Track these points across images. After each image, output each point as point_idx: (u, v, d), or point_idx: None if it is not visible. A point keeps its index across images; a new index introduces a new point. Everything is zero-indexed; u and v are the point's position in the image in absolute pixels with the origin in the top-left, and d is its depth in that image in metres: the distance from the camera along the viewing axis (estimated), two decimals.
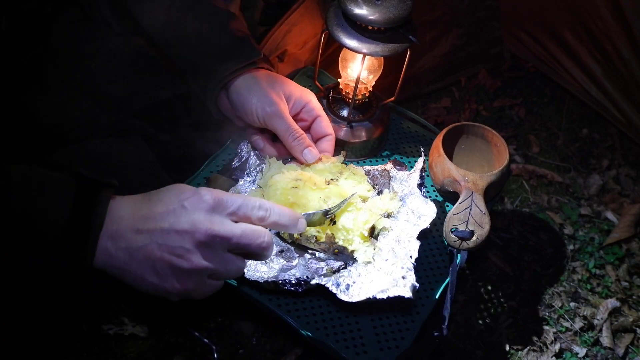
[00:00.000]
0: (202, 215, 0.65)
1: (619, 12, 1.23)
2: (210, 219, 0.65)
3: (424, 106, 1.45)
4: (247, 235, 0.67)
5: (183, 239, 0.64)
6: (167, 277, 0.65)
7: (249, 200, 0.69)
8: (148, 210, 0.65)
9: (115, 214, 0.64)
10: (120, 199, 0.66)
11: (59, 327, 0.95)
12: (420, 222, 0.89)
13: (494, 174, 0.94)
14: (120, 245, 0.64)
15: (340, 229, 0.85)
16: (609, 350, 1.06)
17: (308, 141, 0.92)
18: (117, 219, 0.64)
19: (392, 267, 0.83)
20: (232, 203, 0.67)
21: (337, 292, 0.80)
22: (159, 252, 0.64)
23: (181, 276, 0.65)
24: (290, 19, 1.18)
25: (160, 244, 0.64)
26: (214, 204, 0.66)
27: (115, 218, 0.64)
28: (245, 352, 0.96)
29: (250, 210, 0.68)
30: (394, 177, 0.95)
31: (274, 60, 1.19)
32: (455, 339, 1.03)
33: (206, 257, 0.65)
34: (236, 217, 0.68)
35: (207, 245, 0.65)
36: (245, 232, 0.67)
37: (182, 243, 0.64)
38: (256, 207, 0.69)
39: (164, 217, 0.64)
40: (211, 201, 0.66)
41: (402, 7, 0.87)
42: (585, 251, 1.20)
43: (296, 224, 0.74)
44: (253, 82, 0.90)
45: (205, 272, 0.66)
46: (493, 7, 1.46)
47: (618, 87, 1.35)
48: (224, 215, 0.67)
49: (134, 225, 0.64)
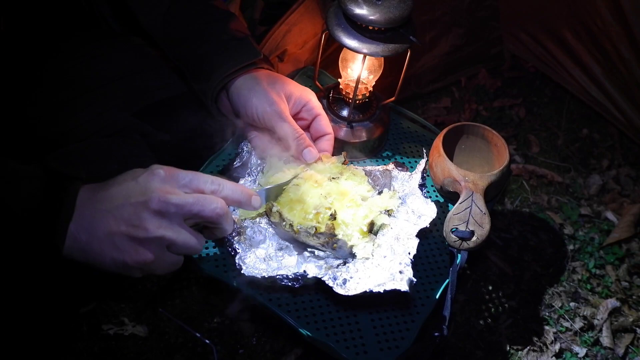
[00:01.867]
0: (155, 185, 0.67)
1: (619, 12, 1.23)
2: (162, 188, 0.67)
3: (424, 106, 1.45)
4: (200, 202, 0.69)
5: (137, 209, 0.66)
6: (126, 250, 0.66)
7: (201, 175, 0.72)
8: (105, 192, 0.68)
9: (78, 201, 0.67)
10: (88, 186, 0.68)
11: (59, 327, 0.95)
12: (420, 221, 0.89)
13: (494, 174, 0.94)
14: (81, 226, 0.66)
15: (339, 224, 0.85)
16: (609, 350, 1.06)
17: (308, 141, 0.92)
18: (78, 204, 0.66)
19: (390, 263, 0.83)
20: (184, 176, 0.70)
21: (333, 286, 0.80)
22: (116, 226, 0.66)
23: (139, 247, 0.66)
24: (290, 19, 1.18)
25: (116, 217, 0.66)
26: (165, 177, 0.69)
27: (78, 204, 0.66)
28: (245, 352, 0.96)
29: (202, 183, 0.71)
30: (395, 178, 0.95)
31: (274, 60, 1.19)
32: (455, 339, 1.03)
33: (162, 226, 0.67)
34: (189, 189, 0.70)
35: (161, 214, 0.67)
36: (198, 200, 0.69)
37: (137, 213, 0.66)
38: (208, 181, 0.72)
39: (119, 194, 0.67)
40: (163, 174, 0.68)
41: (402, 7, 0.87)
42: (585, 251, 1.20)
43: (249, 201, 0.77)
44: (253, 82, 0.90)
45: (163, 241, 0.67)
46: (493, 7, 1.46)
47: (618, 87, 1.35)
48: (177, 186, 0.69)
49: (93, 207, 0.67)
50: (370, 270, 0.82)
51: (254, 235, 0.86)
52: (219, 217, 0.72)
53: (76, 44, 0.94)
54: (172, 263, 0.71)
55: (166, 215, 0.67)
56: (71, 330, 0.95)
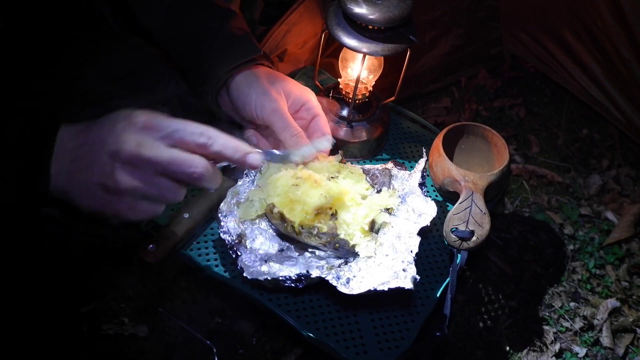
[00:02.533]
0: (130, 135, 0.64)
1: (619, 12, 1.23)
2: (137, 140, 0.64)
3: (424, 106, 1.45)
4: (176, 162, 0.65)
5: (110, 159, 0.64)
6: (100, 199, 0.65)
7: (189, 125, 0.67)
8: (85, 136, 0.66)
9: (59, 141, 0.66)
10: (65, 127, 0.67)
11: (59, 327, 0.95)
12: (421, 220, 0.89)
13: (494, 174, 0.94)
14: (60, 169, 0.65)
15: (340, 223, 0.85)
16: (609, 350, 1.06)
17: (306, 140, 0.92)
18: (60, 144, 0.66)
19: (393, 261, 0.83)
20: (165, 126, 0.65)
21: (337, 285, 0.80)
22: (90, 174, 0.64)
23: (112, 197, 0.65)
24: (290, 19, 1.18)
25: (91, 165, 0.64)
26: (144, 125, 0.65)
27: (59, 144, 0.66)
28: (245, 352, 0.96)
29: (188, 135, 0.66)
30: (395, 176, 0.95)
31: (274, 59, 1.19)
32: (455, 339, 1.03)
33: (134, 178, 0.64)
34: (171, 141, 0.66)
35: (133, 166, 0.64)
36: (174, 159, 0.65)
37: (109, 163, 0.64)
38: (197, 133, 0.67)
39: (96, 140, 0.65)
40: (142, 123, 0.65)
41: (402, 6, 0.87)
42: (585, 251, 1.20)
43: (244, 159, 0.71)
44: (253, 79, 0.90)
45: (135, 192, 0.65)
46: (493, 7, 1.46)
47: (618, 87, 1.35)
48: (156, 138, 0.65)
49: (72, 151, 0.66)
50: (373, 269, 0.82)
51: (254, 237, 0.86)
52: (198, 179, 0.67)
53: (76, 45, 0.94)
54: (147, 212, 0.68)
55: (138, 167, 0.64)
56: (71, 330, 0.95)
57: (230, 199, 0.88)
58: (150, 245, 0.83)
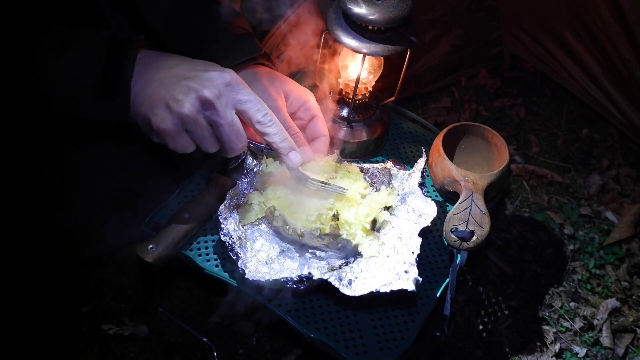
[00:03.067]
0: (216, 84, 0.75)
1: (619, 12, 1.23)
2: (219, 92, 0.75)
3: (424, 106, 1.45)
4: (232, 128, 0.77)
5: (188, 91, 0.74)
6: (157, 113, 0.74)
7: (260, 104, 0.78)
8: (175, 67, 0.77)
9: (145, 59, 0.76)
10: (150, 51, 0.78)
11: (59, 327, 0.95)
12: (421, 220, 0.89)
13: (494, 174, 0.94)
14: (137, 80, 0.75)
15: (342, 223, 0.85)
16: (609, 350, 1.06)
17: (303, 140, 0.92)
18: (145, 61, 0.76)
19: (394, 262, 0.83)
20: (244, 94, 0.77)
21: (339, 287, 0.80)
22: (163, 91, 0.74)
23: (168, 116, 0.74)
24: (291, 19, 1.18)
25: (168, 86, 0.74)
26: (230, 83, 0.76)
27: (144, 61, 0.76)
28: (245, 352, 0.96)
29: (255, 110, 0.78)
30: (395, 176, 0.95)
31: (274, 60, 1.19)
32: (455, 339, 1.03)
33: (196, 111, 0.74)
34: (240, 107, 0.77)
35: (202, 105, 0.75)
36: (233, 124, 0.77)
37: (186, 92, 0.74)
38: (262, 112, 0.78)
39: (186, 71, 0.76)
40: (229, 80, 0.76)
41: (402, 7, 0.87)
42: (585, 251, 1.20)
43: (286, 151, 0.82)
44: (252, 78, 0.90)
45: (189, 122, 0.75)
46: (493, 7, 1.46)
47: (618, 87, 1.35)
48: (230, 98, 0.76)
49: (157, 69, 0.76)
50: (374, 270, 0.82)
51: (254, 239, 0.86)
52: (231, 150, 0.79)
53: None
54: (184, 146, 0.77)
55: (204, 108, 0.75)
56: (71, 330, 0.95)
57: (230, 201, 0.87)
58: (150, 245, 0.83)
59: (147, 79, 0.75)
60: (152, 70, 0.76)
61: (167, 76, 0.75)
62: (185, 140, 0.77)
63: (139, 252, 0.83)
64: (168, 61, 0.78)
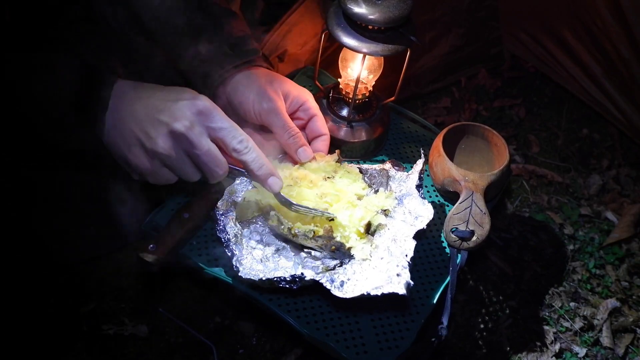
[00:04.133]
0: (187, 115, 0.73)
1: (619, 12, 1.23)
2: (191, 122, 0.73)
3: (424, 106, 1.45)
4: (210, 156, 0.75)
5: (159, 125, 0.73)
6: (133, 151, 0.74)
7: (235, 130, 0.77)
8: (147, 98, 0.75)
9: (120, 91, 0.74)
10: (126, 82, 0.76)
11: (59, 327, 0.95)
12: (417, 222, 0.89)
13: (494, 174, 0.94)
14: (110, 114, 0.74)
15: (337, 225, 0.85)
16: (609, 350, 1.06)
17: (303, 140, 0.92)
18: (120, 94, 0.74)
19: (388, 265, 0.83)
20: (218, 121, 0.75)
21: (331, 288, 0.80)
22: (136, 128, 0.73)
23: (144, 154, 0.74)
24: (291, 19, 1.18)
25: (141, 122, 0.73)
26: (202, 111, 0.74)
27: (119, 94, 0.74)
28: (245, 352, 0.96)
29: (230, 138, 0.76)
30: (393, 177, 0.95)
31: (274, 60, 1.19)
32: (455, 339, 1.03)
33: (169, 147, 0.73)
34: (214, 135, 0.75)
35: (174, 138, 0.73)
36: (210, 153, 0.75)
37: (157, 128, 0.73)
38: (237, 139, 0.77)
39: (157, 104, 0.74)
40: (201, 108, 0.74)
41: (402, 6, 0.87)
42: (585, 251, 1.20)
43: (266, 179, 0.80)
44: (251, 79, 0.90)
45: (164, 158, 0.74)
46: (493, 7, 1.45)
47: (618, 87, 1.35)
48: (204, 126, 0.74)
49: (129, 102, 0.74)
50: (367, 272, 0.82)
51: (250, 236, 0.86)
52: (214, 176, 0.78)
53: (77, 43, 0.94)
54: (165, 179, 0.77)
55: (178, 141, 0.73)
56: (71, 330, 0.95)
57: (228, 198, 0.88)
58: (151, 245, 0.83)
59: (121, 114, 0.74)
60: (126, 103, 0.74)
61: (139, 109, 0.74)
62: (166, 174, 0.77)
63: (139, 252, 0.83)
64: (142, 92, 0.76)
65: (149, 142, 0.73)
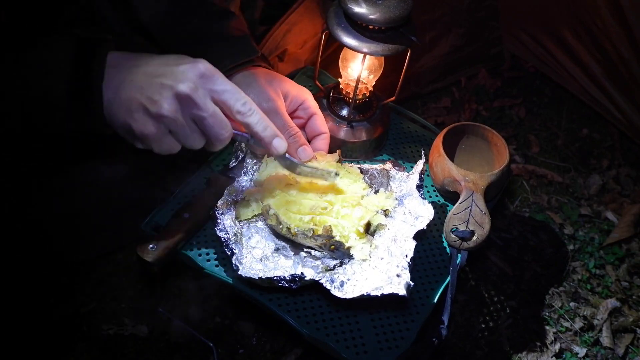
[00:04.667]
0: (189, 76, 0.71)
1: (619, 12, 1.23)
2: (194, 85, 0.71)
3: (424, 106, 1.45)
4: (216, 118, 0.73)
5: (163, 89, 0.70)
6: (136, 118, 0.71)
7: (238, 92, 0.74)
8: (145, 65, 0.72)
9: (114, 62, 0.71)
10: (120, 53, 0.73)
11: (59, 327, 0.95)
12: (417, 223, 0.89)
13: (494, 174, 0.94)
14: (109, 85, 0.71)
15: (335, 225, 0.85)
16: (609, 350, 1.06)
17: (303, 139, 0.92)
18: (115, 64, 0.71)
19: (388, 265, 0.83)
20: (220, 83, 0.73)
21: (330, 288, 0.80)
22: (138, 93, 0.70)
23: (148, 120, 0.71)
24: (291, 19, 1.18)
25: (142, 87, 0.70)
26: (204, 74, 0.72)
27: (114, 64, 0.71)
28: (245, 352, 0.96)
29: (233, 100, 0.74)
30: (393, 177, 0.95)
31: (274, 59, 1.19)
32: (455, 339, 1.03)
33: (174, 111, 0.71)
34: (217, 97, 0.73)
35: (180, 101, 0.71)
36: (215, 114, 0.73)
37: (160, 91, 0.70)
38: (240, 101, 0.74)
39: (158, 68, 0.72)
40: (203, 71, 0.72)
41: (402, 6, 0.87)
42: (585, 251, 1.20)
43: (270, 139, 0.78)
44: (251, 79, 0.90)
45: (169, 123, 0.72)
46: (493, 7, 1.45)
47: (618, 87, 1.35)
48: (207, 89, 0.72)
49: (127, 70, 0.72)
50: (367, 273, 0.82)
51: (250, 236, 0.86)
52: (219, 141, 0.75)
53: None
54: (169, 146, 0.74)
55: (183, 104, 0.71)
56: (71, 330, 0.95)
57: (228, 197, 0.88)
58: (151, 245, 0.83)
59: (119, 83, 0.71)
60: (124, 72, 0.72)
61: (139, 76, 0.72)
62: (170, 142, 0.75)
63: (139, 252, 0.83)
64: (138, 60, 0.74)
65: (153, 106, 0.70)
